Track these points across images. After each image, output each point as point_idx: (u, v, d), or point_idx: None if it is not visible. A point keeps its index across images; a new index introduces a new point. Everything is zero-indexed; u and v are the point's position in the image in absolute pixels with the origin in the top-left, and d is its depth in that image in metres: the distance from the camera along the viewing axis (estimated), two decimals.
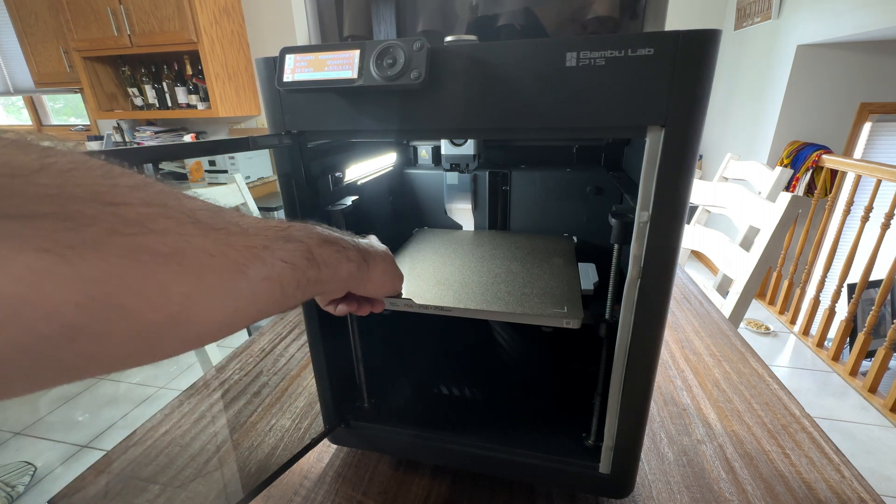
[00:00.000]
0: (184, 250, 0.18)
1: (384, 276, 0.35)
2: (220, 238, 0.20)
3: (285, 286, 0.23)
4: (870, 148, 2.38)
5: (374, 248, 0.35)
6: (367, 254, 0.33)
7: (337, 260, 0.29)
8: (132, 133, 2.75)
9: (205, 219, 0.20)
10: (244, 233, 0.22)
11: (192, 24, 2.17)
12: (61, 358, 0.15)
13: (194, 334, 0.19)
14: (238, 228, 0.22)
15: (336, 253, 0.29)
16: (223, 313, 0.20)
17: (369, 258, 0.33)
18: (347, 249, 0.30)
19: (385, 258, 0.35)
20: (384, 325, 0.63)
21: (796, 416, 0.60)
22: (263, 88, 0.40)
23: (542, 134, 0.36)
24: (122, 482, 0.52)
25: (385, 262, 0.35)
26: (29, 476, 1.45)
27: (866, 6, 1.82)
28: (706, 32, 0.29)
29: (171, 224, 0.18)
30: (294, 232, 0.26)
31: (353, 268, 0.30)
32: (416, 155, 0.74)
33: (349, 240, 0.31)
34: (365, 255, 0.32)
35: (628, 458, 0.43)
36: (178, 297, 0.17)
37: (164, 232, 0.17)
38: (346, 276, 0.30)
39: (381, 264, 0.34)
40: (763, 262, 0.97)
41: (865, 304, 2.03)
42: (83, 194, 0.16)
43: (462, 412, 0.54)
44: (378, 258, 0.34)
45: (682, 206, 0.34)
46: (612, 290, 0.43)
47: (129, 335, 0.16)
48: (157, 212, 0.18)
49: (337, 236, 0.30)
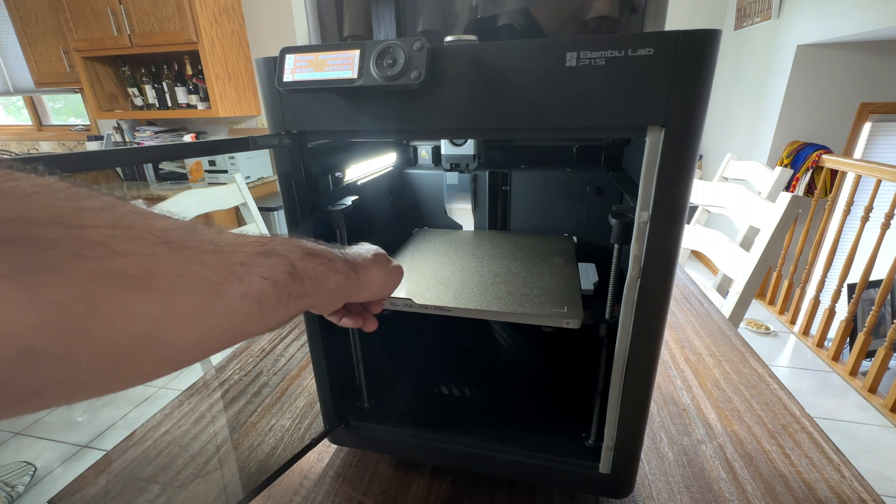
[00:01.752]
0: (151, 271, 0.18)
1: (380, 278, 0.35)
2: (192, 257, 0.20)
3: (264, 302, 0.23)
4: (870, 148, 2.38)
5: (363, 255, 0.34)
6: (356, 263, 0.32)
7: (323, 273, 0.28)
8: (132, 133, 2.75)
9: (175, 238, 0.19)
10: (219, 251, 0.21)
11: (192, 24, 2.17)
12: (24, 382, 0.15)
13: (165, 357, 0.19)
14: (213, 246, 0.21)
15: (321, 266, 0.28)
16: (197, 334, 0.20)
17: (359, 268, 0.32)
18: (334, 261, 0.30)
19: (377, 261, 0.35)
20: (384, 325, 0.63)
21: (796, 416, 0.60)
22: (263, 88, 0.40)
23: (542, 134, 0.36)
24: (122, 482, 0.52)
25: (378, 265, 0.35)
26: (29, 476, 1.45)
27: (866, 6, 1.82)
28: (706, 32, 0.29)
29: (138, 245, 0.18)
30: (275, 246, 0.25)
31: (341, 279, 0.30)
32: (416, 155, 0.74)
33: (336, 251, 0.31)
34: (353, 265, 0.32)
35: (628, 458, 0.43)
36: (146, 319, 0.17)
37: (130, 254, 0.17)
38: (335, 287, 0.30)
39: (373, 269, 0.34)
40: (763, 262, 0.97)
41: (865, 304, 2.03)
42: (46, 217, 0.15)
43: (462, 412, 0.54)
44: (369, 264, 0.34)
45: (682, 206, 0.34)
46: (612, 290, 0.43)
47: (94, 358, 0.16)
48: (124, 233, 0.17)
49: (322, 249, 0.29)
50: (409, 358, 0.66)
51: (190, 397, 0.66)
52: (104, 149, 0.55)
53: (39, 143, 3.23)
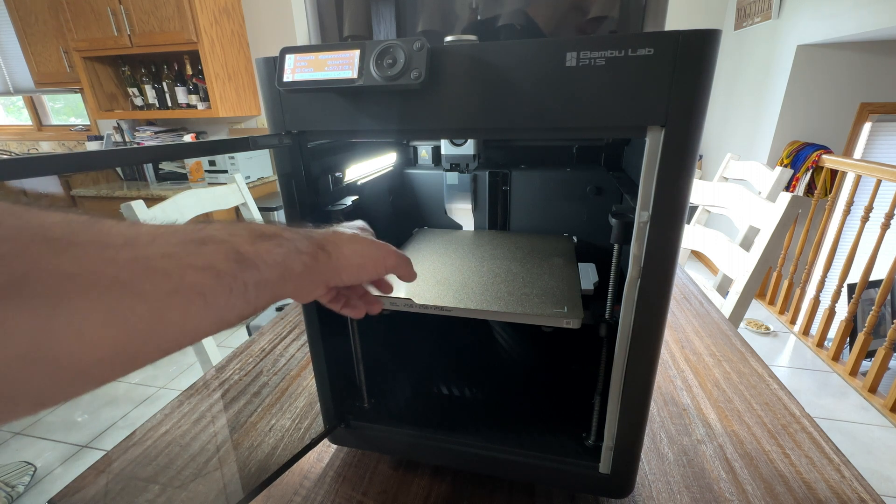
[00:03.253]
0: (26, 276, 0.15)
1: (357, 258, 0.31)
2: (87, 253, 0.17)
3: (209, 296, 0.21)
4: (870, 148, 2.38)
5: (336, 232, 0.32)
6: (325, 240, 0.30)
7: (282, 255, 0.25)
8: (132, 133, 2.75)
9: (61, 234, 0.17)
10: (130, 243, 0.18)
11: (192, 24, 2.17)
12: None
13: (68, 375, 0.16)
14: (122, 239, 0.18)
15: (278, 247, 0.25)
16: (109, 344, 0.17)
17: (328, 244, 0.30)
18: (294, 240, 0.27)
19: (353, 239, 0.32)
20: (384, 325, 0.63)
21: (796, 416, 0.60)
22: (263, 88, 0.40)
23: (542, 134, 0.36)
24: (122, 482, 0.52)
25: (354, 243, 0.32)
26: (29, 476, 1.45)
27: (866, 6, 1.82)
28: (706, 32, 0.29)
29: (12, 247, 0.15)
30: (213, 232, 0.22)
31: (307, 259, 0.27)
32: (416, 155, 0.74)
33: (296, 231, 0.28)
34: (321, 242, 0.29)
35: (628, 458, 0.43)
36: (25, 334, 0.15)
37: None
38: (302, 269, 0.27)
39: (348, 246, 0.31)
40: (763, 262, 0.97)
41: (865, 304, 2.03)
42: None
43: (462, 412, 0.54)
44: (343, 241, 0.31)
45: (682, 206, 0.34)
46: (612, 290, 0.43)
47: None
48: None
49: (276, 228, 0.27)
50: (409, 358, 0.66)
51: (190, 397, 0.66)
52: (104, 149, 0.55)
53: (39, 143, 3.24)
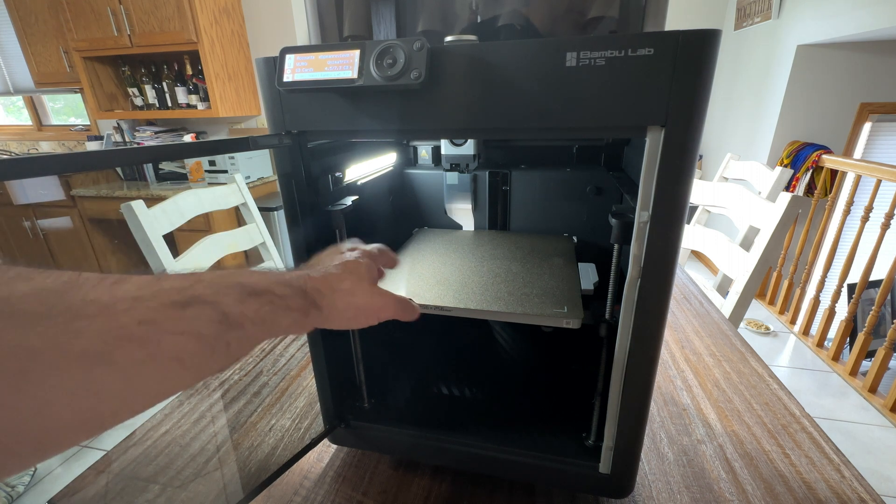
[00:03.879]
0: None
1: (352, 310, 0.30)
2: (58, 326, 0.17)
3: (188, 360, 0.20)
4: (870, 148, 2.38)
5: (334, 280, 0.30)
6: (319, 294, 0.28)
7: (269, 313, 0.24)
8: (132, 133, 2.75)
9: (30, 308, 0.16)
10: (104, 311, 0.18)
11: (192, 24, 2.17)
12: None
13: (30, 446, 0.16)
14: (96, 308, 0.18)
15: (267, 305, 0.24)
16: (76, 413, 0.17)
17: (322, 299, 0.28)
18: (285, 297, 0.26)
19: (350, 292, 0.30)
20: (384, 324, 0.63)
21: (796, 416, 0.60)
22: (263, 88, 0.40)
23: (542, 134, 0.36)
24: (122, 482, 0.52)
25: (350, 296, 0.30)
26: (29, 476, 1.45)
27: (866, 6, 1.82)
28: (706, 32, 0.29)
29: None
30: (200, 291, 0.21)
31: (297, 316, 0.26)
32: (416, 155, 0.74)
33: (289, 284, 0.27)
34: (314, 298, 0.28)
35: (628, 458, 0.43)
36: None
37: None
38: (290, 325, 0.26)
39: (343, 299, 0.30)
40: (763, 262, 0.97)
41: (865, 304, 2.03)
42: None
43: (462, 412, 0.54)
44: (339, 294, 0.30)
45: (682, 206, 0.34)
46: (612, 290, 0.43)
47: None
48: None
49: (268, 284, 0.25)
50: (408, 358, 0.66)
51: (190, 397, 0.66)
52: (104, 149, 0.55)
53: (39, 143, 3.23)
